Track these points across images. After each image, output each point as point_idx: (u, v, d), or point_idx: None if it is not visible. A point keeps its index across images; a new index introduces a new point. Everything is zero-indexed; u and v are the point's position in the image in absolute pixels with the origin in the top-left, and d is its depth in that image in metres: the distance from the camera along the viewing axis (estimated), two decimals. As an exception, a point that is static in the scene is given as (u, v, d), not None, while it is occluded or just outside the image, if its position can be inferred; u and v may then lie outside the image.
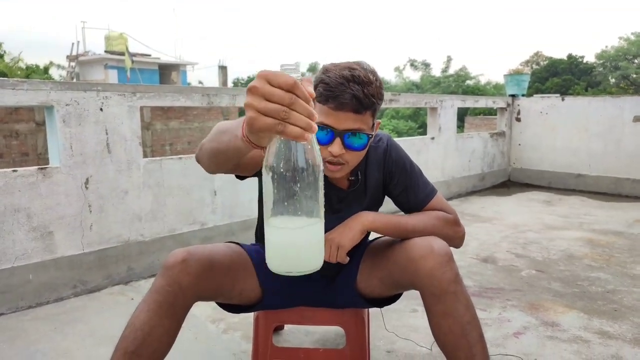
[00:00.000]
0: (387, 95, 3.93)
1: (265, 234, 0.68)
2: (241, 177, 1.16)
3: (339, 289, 1.38)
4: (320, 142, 1.11)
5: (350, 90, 1.07)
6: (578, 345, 1.76)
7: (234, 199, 2.83)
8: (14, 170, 2.04)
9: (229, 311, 1.36)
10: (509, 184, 5.34)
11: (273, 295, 1.33)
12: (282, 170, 0.62)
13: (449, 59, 32.15)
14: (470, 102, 4.86)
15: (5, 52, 19.34)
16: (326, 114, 1.10)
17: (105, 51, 19.97)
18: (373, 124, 1.17)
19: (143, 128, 9.50)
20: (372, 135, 1.16)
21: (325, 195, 0.72)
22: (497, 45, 77.55)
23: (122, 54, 18.53)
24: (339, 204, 1.25)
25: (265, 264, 1.34)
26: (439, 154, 4.39)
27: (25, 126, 9.85)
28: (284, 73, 0.60)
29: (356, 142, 1.12)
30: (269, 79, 0.60)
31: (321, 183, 0.65)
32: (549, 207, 4.23)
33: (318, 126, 1.13)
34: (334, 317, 1.45)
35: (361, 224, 1.20)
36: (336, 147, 1.10)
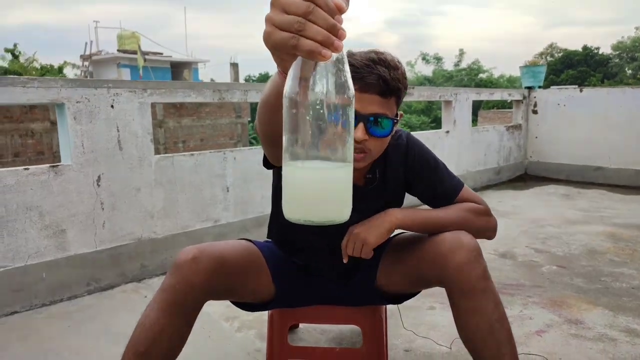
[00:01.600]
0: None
1: (282, 177, 0.57)
2: (270, 166, 1.08)
3: (357, 285, 1.34)
4: None
5: (377, 71, 1.04)
6: (604, 344, 1.70)
7: (247, 196, 2.80)
8: (25, 169, 2.03)
9: (242, 309, 1.33)
10: (525, 177, 5.24)
11: (287, 293, 1.30)
12: (296, 99, 0.52)
13: (462, 53, 31.82)
14: (485, 95, 4.77)
15: (20, 52, 19.57)
16: None
17: (118, 50, 20.13)
18: (397, 115, 1.12)
19: (156, 126, 9.54)
20: (397, 121, 1.12)
21: None
22: (510, 37, 76.52)
23: (135, 52, 18.66)
24: (357, 203, 1.20)
25: (278, 259, 1.31)
26: (453, 148, 4.31)
27: (40, 125, 9.98)
28: None
29: (381, 128, 1.08)
30: None
31: (350, 120, 0.54)
32: (568, 201, 4.13)
33: None
34: (350, 315, 1.41)
35: (389, 222, 1.15)
36: (360, 132, 1.05)
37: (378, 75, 1.04)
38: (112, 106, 2.23)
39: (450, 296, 1.10)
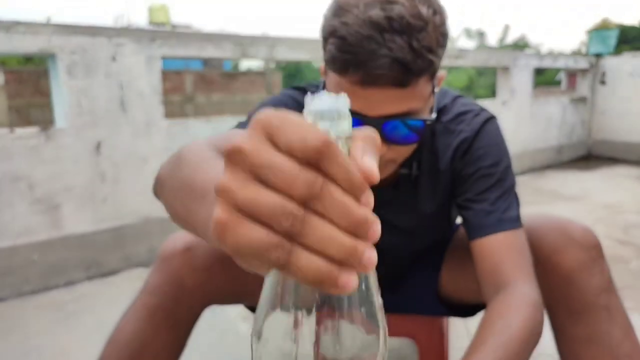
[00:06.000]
0: (452, 51, 3.37)
1: None
2: None
3: (411, 289, 0.98)
4: None
5: (386, 49, 0.58)
6: None
7: (274, 170, 2.43)
8: (11, 131, 1.72)
9: None
10: (589, 157, 4.65)
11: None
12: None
13: (507, 28, 30.32)
14: (548, 62, 4.19)
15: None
16: (348, 93, 0.58)
17: (150, 23, 20.08)
18: (432, 89, 0.68)
19: (185, 101, 9.31)
20: (430, 121, 0.67)
21: None
22: (559, 12, 72.67)
23: (164, 24, 18.55)
24: (382, 210, 0.66)
25: None
26: (510, 122, 3.78)
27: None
28: (307, 123, 0.25)
29: (403, 133, 0.65)
30: (272, 133, 0.25)
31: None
32: (645, 184, 3.57)
33: None
34: (401, 325, 1.05)
35: None
36: None
37: (390, 59, 0.58)
38: (113, 58, 1.88)
39: (553, 317, 0.79)
